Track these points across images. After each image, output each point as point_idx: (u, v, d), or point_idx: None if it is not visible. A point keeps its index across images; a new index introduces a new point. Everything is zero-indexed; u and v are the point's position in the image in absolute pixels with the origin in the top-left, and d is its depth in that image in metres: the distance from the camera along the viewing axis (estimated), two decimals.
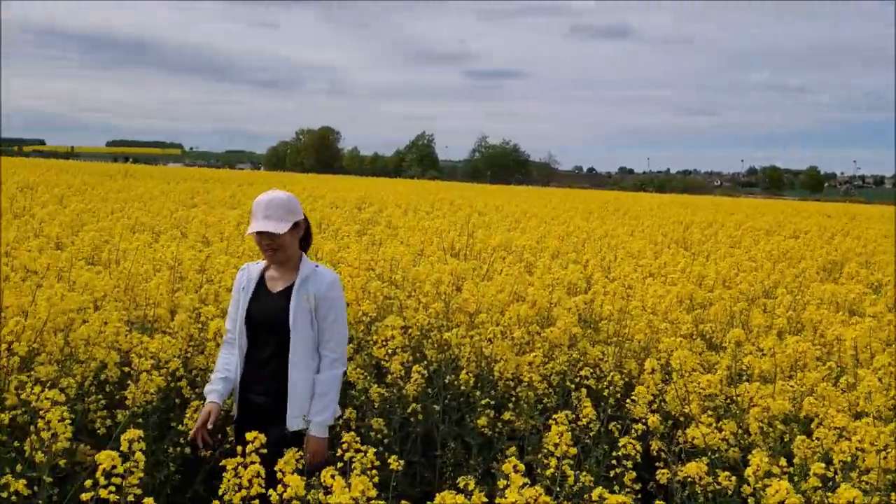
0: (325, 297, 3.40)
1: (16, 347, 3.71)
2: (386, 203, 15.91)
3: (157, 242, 6.51)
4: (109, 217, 8.79)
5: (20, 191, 11.17)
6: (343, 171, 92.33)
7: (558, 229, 11.01)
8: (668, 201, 32.29)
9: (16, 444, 3.31)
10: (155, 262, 5.35)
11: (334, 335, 3.45)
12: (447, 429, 4.84)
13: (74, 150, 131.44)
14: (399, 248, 6.39)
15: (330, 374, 3.43)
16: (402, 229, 9.03)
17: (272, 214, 3.33)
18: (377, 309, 5.18)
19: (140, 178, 23.99)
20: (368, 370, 4.81)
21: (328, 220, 9.95)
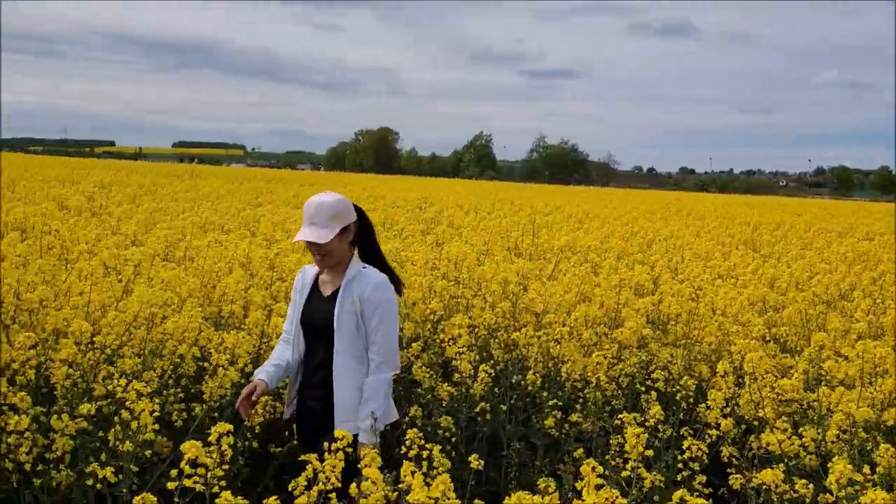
0: (369, 299, 3.32)
1: (100, 340, 3.84)
2: (446, 203, 15.95)
3: (228, 240, 6.65)
4: (181, 216, 9.03)
5: (97, 190, 11.57)
6: (401, 171, 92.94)
7: (622, 230, 10.88)
8: (731, 202, 31.57)
9: (101, 434, 3.42)
10: (227, 260, 5.47)
11: (380, 338, 3.35)
12: (513, 429, 4.82)
13: (142, 151, 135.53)
14: (463, 248, 6.39)
15: (376, 379, 3.33)
16: (465, 229, 9.05)
17: (318, 221, 3.27)
18: (444, 308, 5.19)
19: (205, 178, 24.57)
20: (435, 368, 4.83)
21: (392, 220, 10.03)
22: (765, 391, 4.23)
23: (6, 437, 3.23)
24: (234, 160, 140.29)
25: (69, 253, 5.43)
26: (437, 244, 7.52)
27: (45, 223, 6.10)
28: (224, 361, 3.90)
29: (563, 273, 6.35)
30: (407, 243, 7.31)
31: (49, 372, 3.76)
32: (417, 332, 5.17)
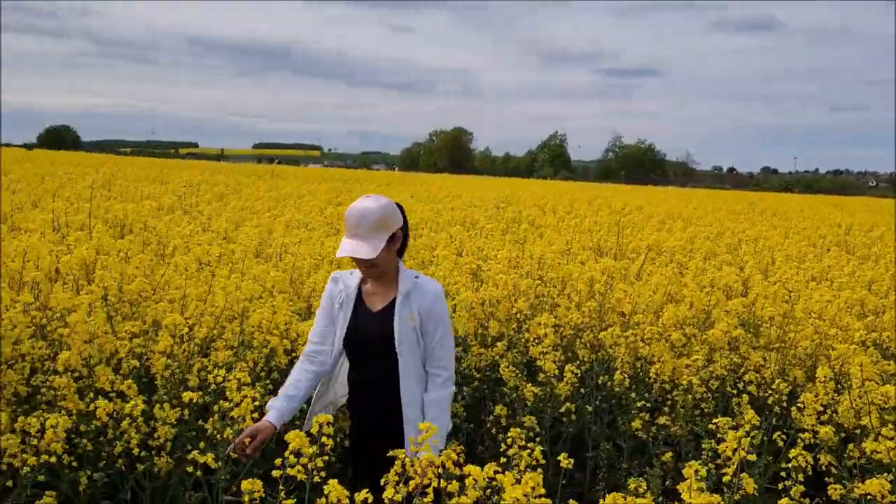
0: (430, 311, 3.11)
1: (196, 332, 3.97)
2: (523, 203, 15.89)
3: (313, 238, 6.78)
4: (267, 213, 9.27)
5: (186, 188, 12.00)
6: (475, 171, 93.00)
7: (706, 230, 10.61)
8: (818, 202, 30.40)
9: (199, 424, 3.53)
10: (315, 257, 5.58)
11: (445, 352, 3.17)
12: (599, 430, 4.77)
13: (224, 153, 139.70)
14: (545, 247, 6.35)
15: (441, 395, 3.15)
16: (546, 228, 9.00)
17: (361, 232, 2.98)
18: (529, 307, 5.16)
19: (285, 178, 25.12)
20: (520, 368, 4.81)
21: (472, 220, 10.07)
22: (870, 396, 4.06)
23: (113, 423, 3.37)
24: (311, 161, 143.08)
25: (165, 248, 5.63)
26: (517, 243, 7.48)
27: (142, 220, 6.35)
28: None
29: (648, 273, 6.24)
30: (487, 242, 7.31)
31: (149, 362, 3.91)
32: (502, 331, 5.16)
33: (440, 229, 8.56)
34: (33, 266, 4.13)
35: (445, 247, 6.76)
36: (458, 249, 6.77)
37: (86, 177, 13.07)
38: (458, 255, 6.52)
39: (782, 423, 4.35)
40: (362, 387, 3.25)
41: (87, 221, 6.37)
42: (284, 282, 4.65)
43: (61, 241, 5.23)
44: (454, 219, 10.00)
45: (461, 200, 15.28)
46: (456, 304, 5.22)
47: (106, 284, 3.92)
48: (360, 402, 3.28)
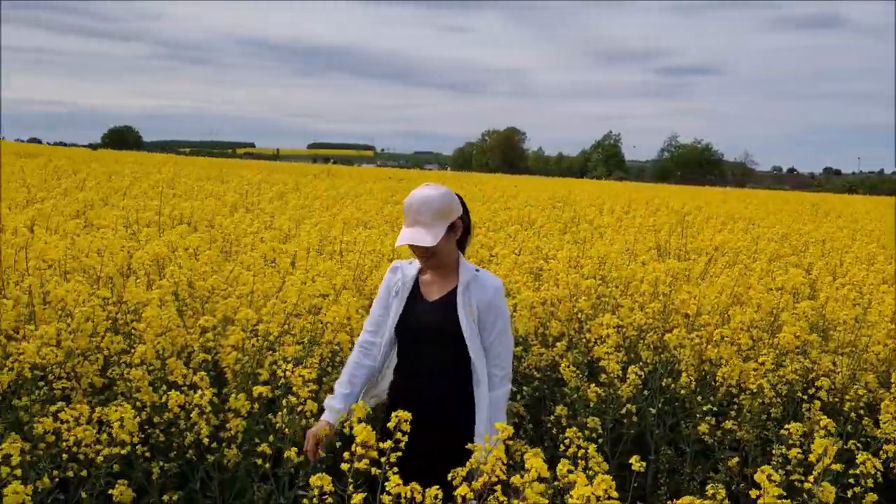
0: (489, 305, 3.04)
1: (262, 328, 4.04)
2: (580, 202, 15.76)
3: (372, 236, 6.84)
4: (326, 212, 9.39)
5: (247, 187, 12.24)
6: (528, 171, 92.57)
7: (770, 232, 10.37)
8: (884, 203, 29.40)
9: (268, 417, 3.60)
10: (376, 254, 5.63)
11: (503, 348, 3.09)
12: (661, 433, 4.70)
13: (279, 153, 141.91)
14: (606, 247, 6.28)
15: (499, 394, 3.06)
16: (605, 228, 8.90)
17: (423, 219, 2.93)
18: (591, 307, 5.12)
19: (341, 177, 25.39)
20: (581, 368, 4.78)
21: (529, 219, 10.03)
22: None
23: (184, 415, 3.46)
24: (364, 160, 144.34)
25: (231, 245, 5.75)
26: (576, 243, 7.43)
27: (207, 218, 6.49)
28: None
29: (711, 274, 6.13)
30: (546, 242, 7.27)
31: (218, 356, 3.99)
32: (562, 331, 5.13)
33: (498, 228, 8.54)
34: (108, 261, 4.26)
35: (504, 246, 6.75)
36: (517, 249, 6.75)
37: (150, 175, 13.42)
38: (516, 254, 6.49)
39: (855, 430, 4.24)
40: (416, 377, 3.15)
41: (154, 218, 6.55)
42: (348, 278, 4.70)
43: (132, 237, 5.38)
44: (511, 218, 9.97)
45: (516, 200, 15.23)
46: (516, 304, 5.20)
47: (177, 280, 4.02)
48: (412, 392, 3.12)
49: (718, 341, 4.56)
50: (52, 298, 3.79)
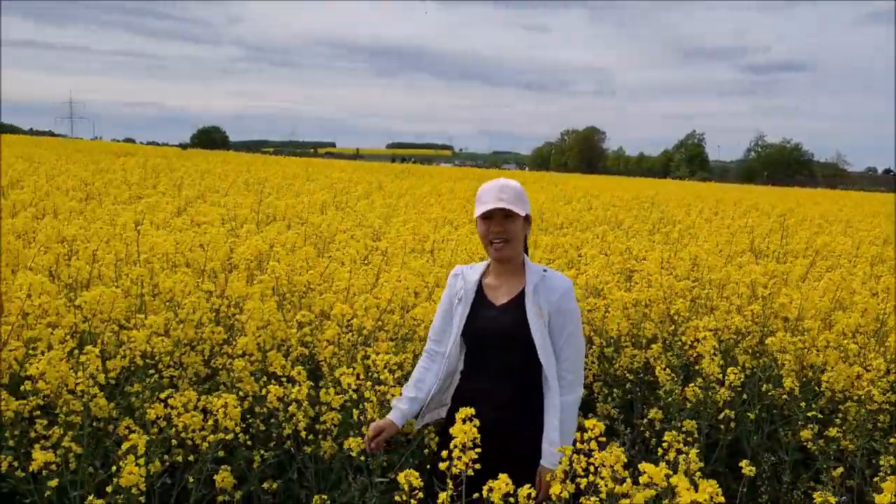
0: (559, 307, 2.93)
1: (358, 322, 4.10)
2: (665, 203, 15.44)
3: (458, 234, 6.87)
4: (413, 210, 9.49)
5: (336, 185, 12.49)
6: (607, 171, 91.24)
7: (869, 234, 9.90)
8: None
9: (355, 412, 3.65)
10: (466, 252, 5.65)
11: (573, 353, 2.98)
12: (759, 440, 4.56)
13: (359, 152, 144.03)
14: (698, 248, 6.12)
15: (569, 400, 2.95)
16: (695, 229, 8.69)
17: (506, 197, 2.89)
18: (685, 310, 5.01)
19: (421, 176, 25.59)
20: (676, 371, 4.67)
21: (616, 219, 9.89)
22: None
23: (283, 406, 3.54)
24: (442, 160, 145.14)
25: (324, 242, 5.86)
26: (666, 243, 7.28)
27: (298, 215, 6.64)
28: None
29: (812, 278, 5.90)
30: (636, 242, 7.15)
31: (315, 350, 4.07)
32: (655, 333, 5.03)
33: (584, 229, 8.45)
34: (213, 255, 4.41)
35: (592, 246, 6.67)
36: (605, 249, 6.65)
37: (240, 174, 13.83)
38: (605, 254, 6.41)
39: None
40: (481, 381, 3.05)
41: (250, 215, 6.74)
42: (442, 277, 4.73)
43: (231, 233, 5.55)
44: (597, 218, 9.84)
45: (599, 200, 15.03)
46: (608, 304, 5.13)
47: (277, 274, 4.12)
48: (476, 396, 2.98)
49: (823, 347, 4.38)
50: (161, 290, 3.94)
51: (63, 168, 12.14)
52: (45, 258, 4.17)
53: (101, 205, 7.16)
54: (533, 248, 6.22)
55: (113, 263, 4.32)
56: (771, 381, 4.57)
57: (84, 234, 4.70)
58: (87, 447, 3.24)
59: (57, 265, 4.26)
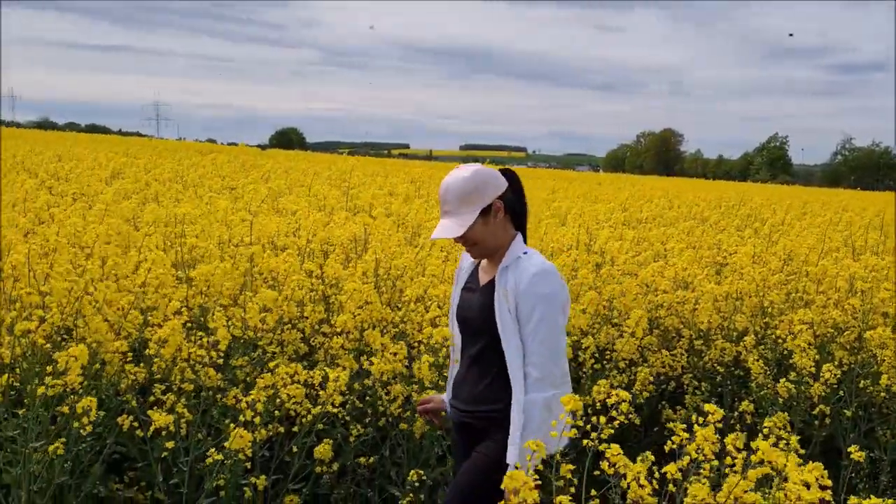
0: (524, 293, 2.55)
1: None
2: (749, 201, 15.10)
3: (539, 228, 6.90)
4: None
5: (412, 182, 12.69)
6: (683, 174, 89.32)
7: None
8: None
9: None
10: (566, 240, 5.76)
11: (537, 345, 2.56)
12: (855, 438, 4.45)
13: (433, 154, 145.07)
14: (792, 242, 6.00)
15: (537, 398, 2.55)
16: (785, 226, 8.51)
17: (450, 208, 2.61)
18: (780, 302, 4.93)
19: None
20: (770, 365, 4.61)
21: (700, 216, 9.76)
22: None
23: (380, 385, 3.67)
24: (515, 162, 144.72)
25: (411, 231, 6.00)
26: (757, 237, 7.15)
27: (384, 206, 6.80)
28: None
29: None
30: (725, 237, 7.06)
31: (408, 330, 4.18)
32: (747, 326, 4.97)
33: (668, 224, 8.37)
34: (312, 237, 4.58)
35: (678, 241, 6.61)
36: (692, 243, 6.59)
37: (322, 170, 14.20)
38: (693, 248, 6.35)
39: None
40: (463, 368, 2.86)
41: (336, 205, 6.93)
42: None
43: (328, 219, 5.73)
44: (682, 215, 9.73)
45: (680, 199, 14.84)
46: (697, 297, 5.09)
47: (378, 257, 4.25)
48: (458, 386, 2.88)
49: None
50: (263, 270, 4.11)
51: (157, 162, 12.71)
52: (153, 239, 4.40)
53: (197, 194, 7.50)
54: (618, 240, 6.21)
55: (217, 245, 4.53)
56: (869, 377, 4.46)
57: (192, 215, 4.94)
58: (196, 415, 3.42)
59: (167, 245, 4.50)
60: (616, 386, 4.44)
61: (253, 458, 3.37)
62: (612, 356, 4.43)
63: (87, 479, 3.43)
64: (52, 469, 3.19)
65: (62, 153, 13.93)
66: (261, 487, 3.48)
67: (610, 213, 8.88)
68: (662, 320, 4.97)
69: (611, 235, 6.21)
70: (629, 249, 5.77)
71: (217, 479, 3.40)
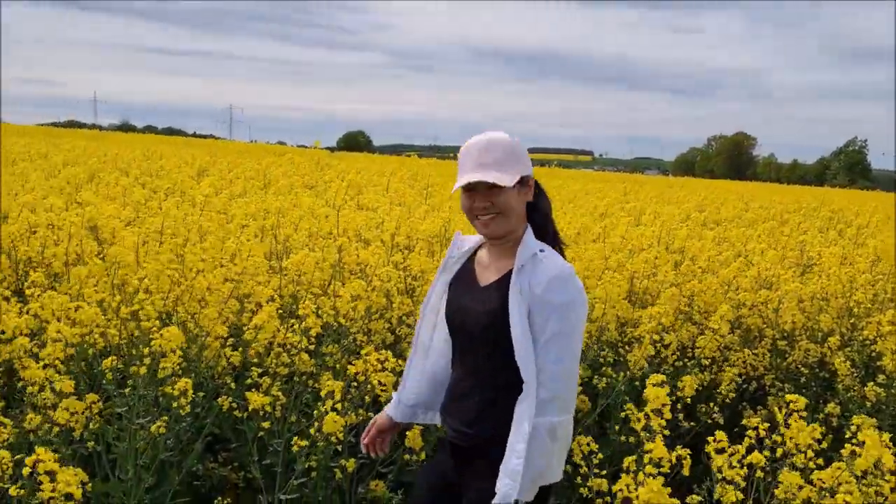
0: (543, 298, 2.15)
1: None
2: (829, 204, 14.71)
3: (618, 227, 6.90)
4: (569, 205, 9.67)
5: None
6: (756, 178, 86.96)
7: None
8: None
9: None
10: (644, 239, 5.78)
11: (549, 363, 2.14)
12: None
13: None
14: (881, 243, 5.85)
15: (545, 422, 2.14)
16: (872, 228, 8.29)
17: (488, 161, 2.18)
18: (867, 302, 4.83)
19: (563, 178, 25.57)
20: (858, 367, 4.52)
21: (781, 218, 9.59)
22: None
23: None
24: (581, 165, 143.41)
25: None
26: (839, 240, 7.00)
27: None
28: (647, 332, 4.07)
29: None
30: (809, 238, 6.94)
31: None
32: (832, 327, 4.88)
33: (748, 225, 8.26)
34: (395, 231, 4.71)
35: (760, 241, 6.52)
36: (773, 244, 6.48)
37: (395, 170, 14.45)
38: (773, 249, 6.25)
39: None
40: (456, 383, 2.41)
41: (414, 202, 7.07)
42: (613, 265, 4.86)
43: (409, 214, 5.87)
44: (759, 217, 9.57)
45: (756, 202, 14.57)
46: (781, 297, 5.03)
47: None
48: (447, 404, 2.45)
49: None
50: (352, 262, 4.25)
51: (238, 162, 13.15)
52: (247, 231, 4.60)
53: (279, 190, 7.76)
54: (698, 239, 6.17)
55: (306, 237, 4.70)
56: None
57: (281, 208, 5.13)
58: (290, 398, 3.57)
59: (259, 236, 4.70)
60: (698, 385, 4.44)
61: (342, 441, 3.50)
62: (695, 353, 4.41)
63: (188, 457, 3.62)
64: (157, 446, 3.38)
65: (148, 153, 14.54)
66: (350, 469, 3.60)
67: (686, 213, 8.81)
68: (745, 319, 4.92)
69: (690, 234, 6.17)
70: (710, 249, 5.73)
71: (309, 460, 3.54)
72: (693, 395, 3.70)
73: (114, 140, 24.89)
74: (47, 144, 15.42)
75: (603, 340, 4.31)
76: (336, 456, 3.65)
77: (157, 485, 3.46)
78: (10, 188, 6.23)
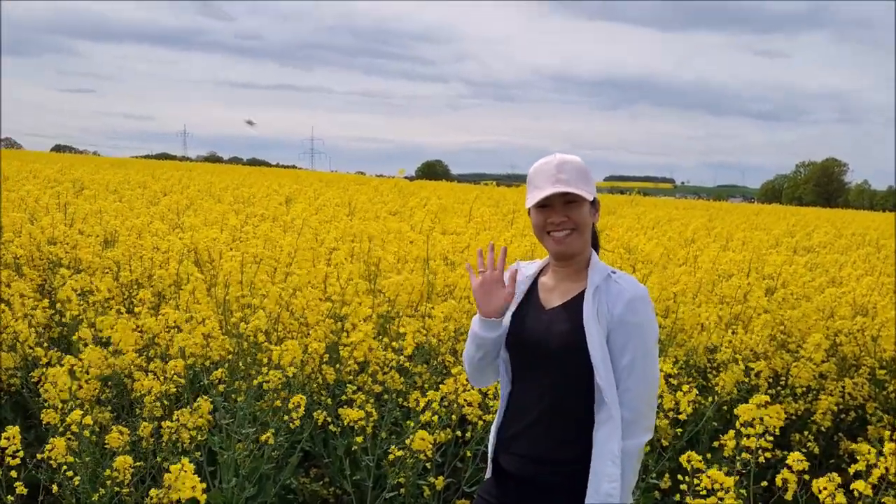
0: (622, 319, 2.15)
1: None
2: None
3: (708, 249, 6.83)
4: (653, 230, 9.60)
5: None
6: (847, 205, 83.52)
7: None
8: None
9: None
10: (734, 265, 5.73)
11: (636, 383, 2.15)
12: None
13: None
14: None
15: (629, 445, 2.14)
16: None
17: (565, 178, 2.18)
18: None
19: (645, 206, 25.28)
20: None
21: (877, 244, 9.28)
22: None
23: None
24: (662, 193, 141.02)
25: None
26: None
27: None
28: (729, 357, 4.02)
29: None
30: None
31: None
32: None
33: (841, 252, 8.02)
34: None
35: (854, 267, 6.33)
36: (870, 269, 6.28)
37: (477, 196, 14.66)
38: (868, 275, 6.06)
39: None
40: (516, 411, 2.33)
41: (499, 225, 7.18)
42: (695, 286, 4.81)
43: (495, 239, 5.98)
44: (853, 243, 9.28)
45: (850, 230, 14.11)
46: (880, 325, 4.86)
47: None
48: (508, 431, 2.35)
49: None
50: (441, 284, 4.37)
51: (322, 190, 13.57)
52: (339, 253, 4.77)
53: (366, 217, 8.00)
54: (790, 265, 6.03)
55: (396, 260, 4.85)
56: None
57: (370, 233, 5.31)
58: (379, 414, 3.68)
59: (350, 259, 4.87)
60: (791, 414, 4.33)
61: (430, 459, 3.57)
62: (789, 382, 4.31)
63: (284, 470, 3.76)
64: (258, 458, 3.53)
65: (237, 182, 15.17)
66: (439, 487, 3.67)
67: (776, 239, 8.61)
68: (841, 347, 4.78)
69: (783, 260, 6.05)
70: (804, 274, 5.60)
71: (399, 476, 3.63)
72: (783, 424, 3.62)
73: (203, 170, 26.07)
74: (144, 175, 16.27)
75: (691, 364, 4.27)
76: (425, 473, 3.73)
77: (255, 495, 3.60)
78: (119, 213, 6.66)
